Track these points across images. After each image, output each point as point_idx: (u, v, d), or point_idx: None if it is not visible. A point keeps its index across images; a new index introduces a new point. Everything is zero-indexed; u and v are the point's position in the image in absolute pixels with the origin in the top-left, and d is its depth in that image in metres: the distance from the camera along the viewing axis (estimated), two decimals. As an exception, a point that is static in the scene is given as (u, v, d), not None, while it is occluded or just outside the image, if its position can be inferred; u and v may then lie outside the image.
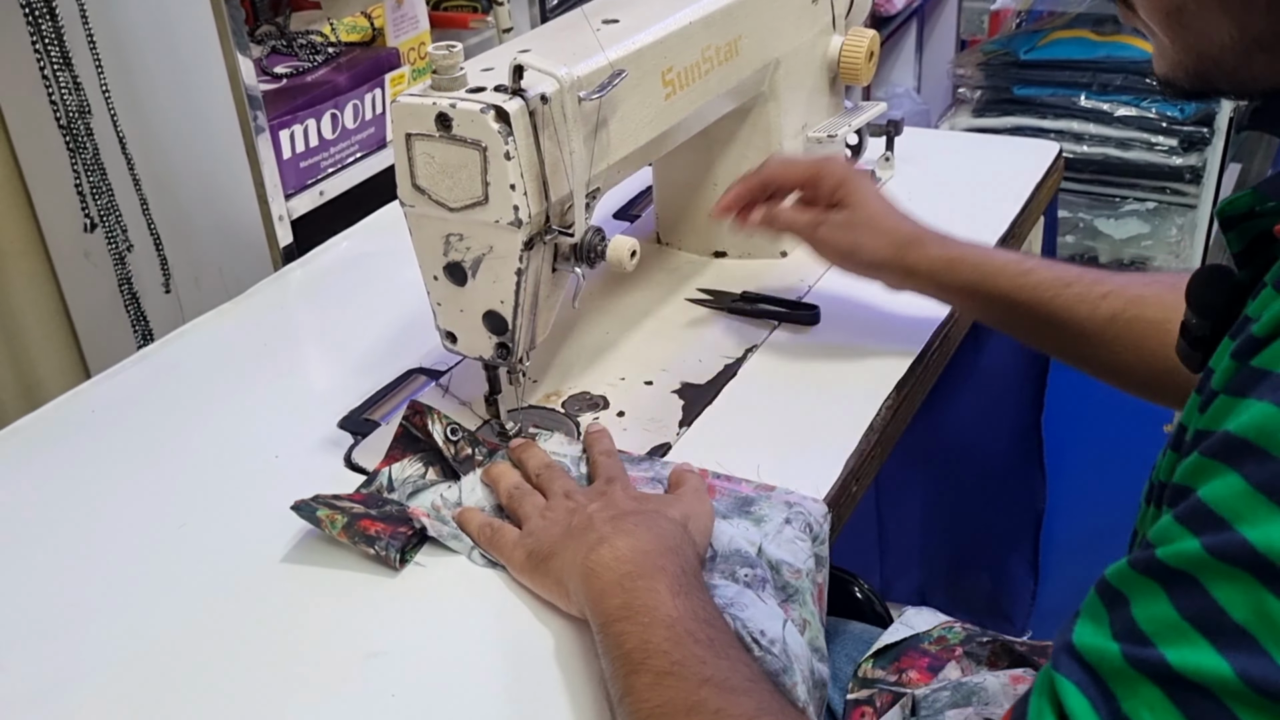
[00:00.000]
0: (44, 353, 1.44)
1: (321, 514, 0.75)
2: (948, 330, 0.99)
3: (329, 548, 0.76)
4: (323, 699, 0.66)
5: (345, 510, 0.75)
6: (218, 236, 1.28)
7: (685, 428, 0.87)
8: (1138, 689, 0.41)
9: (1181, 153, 1.63)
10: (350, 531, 0.74)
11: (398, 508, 0.77)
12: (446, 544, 0.76)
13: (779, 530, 0.74)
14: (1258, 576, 0.39)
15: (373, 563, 0.75)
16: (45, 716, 0.66)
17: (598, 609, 0.64)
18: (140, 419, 0.93)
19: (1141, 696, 0.41)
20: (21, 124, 1.32)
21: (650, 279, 1.08)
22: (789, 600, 0.70)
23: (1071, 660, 0.44)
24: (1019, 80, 1.74)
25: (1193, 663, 0.40)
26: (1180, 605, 0.41)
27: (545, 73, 0.74)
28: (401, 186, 0.78)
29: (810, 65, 1.08)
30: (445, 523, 0.77)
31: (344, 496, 0.78)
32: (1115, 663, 0.42)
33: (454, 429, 0.82)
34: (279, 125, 1.23)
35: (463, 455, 0.82)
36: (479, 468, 0.82)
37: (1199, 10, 0.52)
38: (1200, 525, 0.41)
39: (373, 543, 0.74)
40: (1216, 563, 0.40)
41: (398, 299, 1.05)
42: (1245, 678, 0.38)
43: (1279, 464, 0.40)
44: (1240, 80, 0.54)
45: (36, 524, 0.82)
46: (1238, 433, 0.42)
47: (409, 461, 0.82)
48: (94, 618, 0.73)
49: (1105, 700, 0.42)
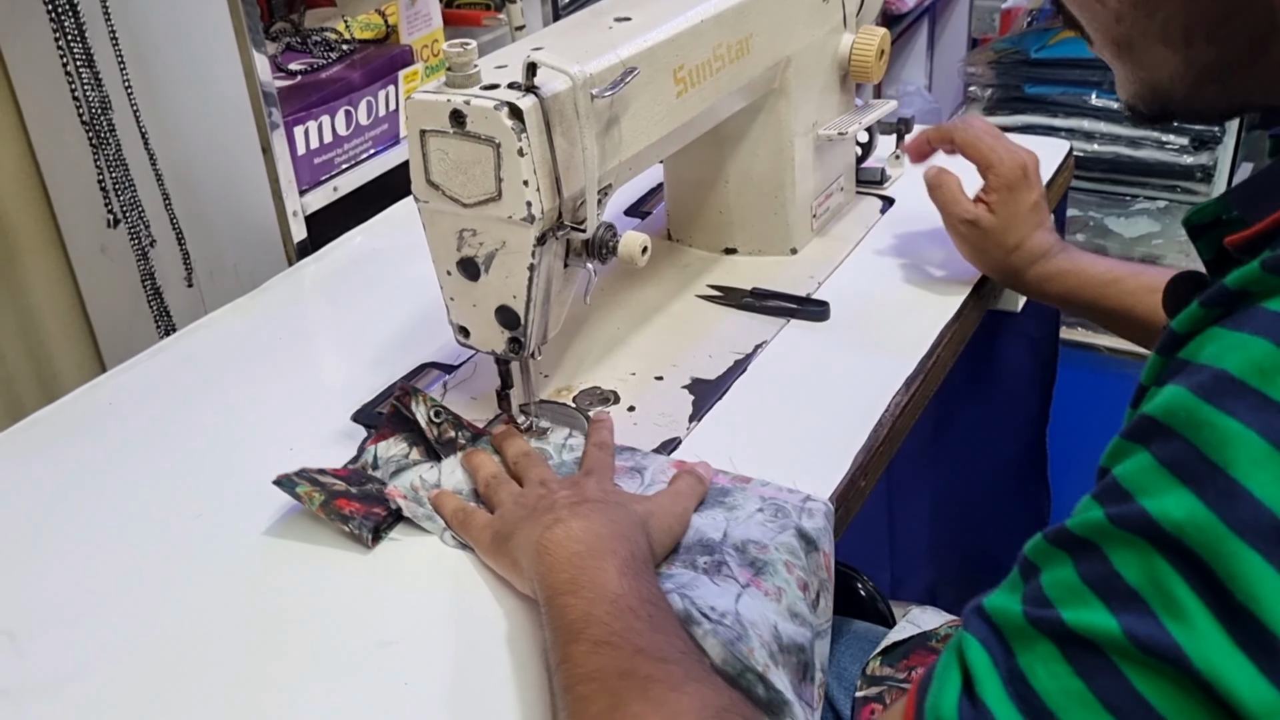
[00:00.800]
0: (61, 347, 1.45)
1: (301, 490, 0.78)
2: (957, 327, 1.00)
3: (343, 539, 0.77)
4: (336, 686, 0.67)
5: (325, 487, 0.78)
6: (233, 231, 1.29)
7: (695, 423, 0.88)
8: (1034, 645, 0.44)
9: (1192, 151, 1.63)
10: (327, 509, 0.77)
11: (377, 487, 0.80)
12: (420, 524, 0.78)
13: (749, 516, 0.76)
14: (1152, 543, 0.41)
15: (387, 553, 0.76)
16: (66, 701, 0.67)
17: (545, 582, 0.65)
18: (156, 411, 0.94)
19: (1037, 652, 0.43)
20: (40, 121, 1.33)
21: (661, 275, 1.09)
22: (759, 574, 0.71)
23: (979, 620, 0.47)
24: (1030, 79, 1.74)
25: (1086, 621, 0.42)
26: (1082, 570, 0.43)
27: (558, 70, 0.75)
28: (416, 182, 0.79)
29: (821, 63, 1.08)
30: (421, 504, 0.79)
31: (328, 471, 0.81)
32: (1017, 621, 0.45)
33: (437, 411, 0.84)
34: (294, 122, 1.24)
35: (445, 437, 0.83)
36: (461, 451, 0.83)
37: (1145, 45, 0.53)
38: (1108, 498, 0.44)
39: (347, 521, 0.76)
40: (1117, 530, 0.43)
41: (410, 294, 1.06)
42: (1131, 635, 0.41)
43: (1182, 441, 0.42)
44: (1195, 108, 0.56)
45: (55, 513, 0.83)
46: (1151, 414, 0.44)
47: (395, 441, 0.84)
48: (112, 605, 0.74)
49: (1004, 655, 0.45)
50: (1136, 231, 1.71)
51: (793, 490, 0.78)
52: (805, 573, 0.73)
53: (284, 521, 0.79)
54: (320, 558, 0.76)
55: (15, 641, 0.71)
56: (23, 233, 1.38)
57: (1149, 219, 1.71)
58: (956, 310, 1.01)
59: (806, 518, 0.76)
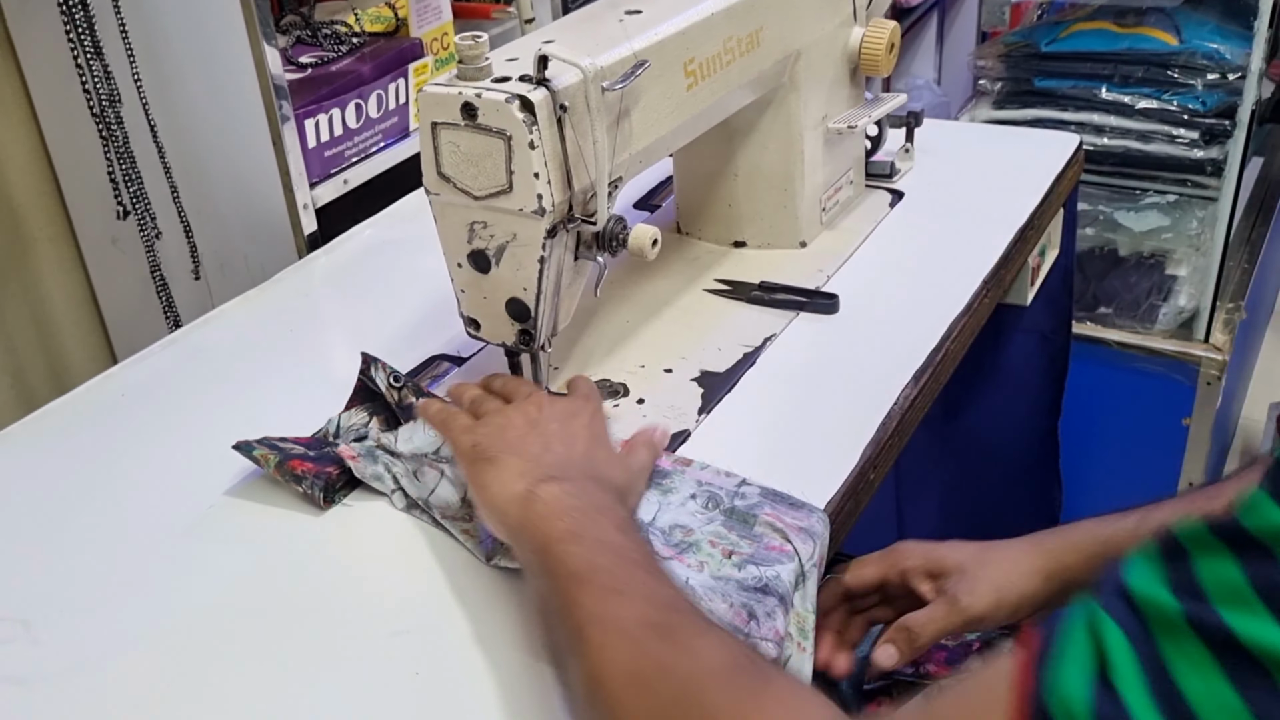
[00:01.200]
0: (72, 338, 1.46)
1: (258, 453, 0.81)
2: (966, 320, 1.00)
3: (354, 528, 0.78)
4: (348, 675, 0.67)
5: (281, 450, 0.81)
6: (244, 224, 1.29)
7: (704, 415, 0.88)
8: (1183, 644, 0.41)
9: (1203, 145, 1.63)
10: (281, 470, 0.79)
11: (333, 450, 0.82)
12: (371, 485, 0.80)
13: (682, 504, 0.77)
14: None
15: (396, 544, 0.76)
16: (80, 688, 0.67)
17: (539, 529, 0.64)
18: (168, 402, 0.95)
19: (1186, 652, 0.40)
20: (52, 113, 1.34)
21: (670, 268, 1.09)
22: (683, 552, 0.73)
23: (1120, 601, 0.43)
24: (1040, 72, 1.73)
25: (1254, 633, 0.39)
26: (1251, 574, 0.40)
27: (569, 63, 0.75)
28: (427, 175, 0.80)
29: (831, 56, 1.08)
30: (375, 461, 0.80)
31: (289, 439, 0.83)
32: (1170, 615, 0.41)
33: (396, 376, 0.85)
34: (304, 114, 1.24)
35: (406, 402, 0.85)
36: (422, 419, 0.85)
37: None
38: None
39: (300, 481, 0.79)
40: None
41: (421, 286, 1.07)
42: None
43: None
44: None
45: (68, 504, 0.83)
46: None
47: (356, 411, 0.86)
48: (125, 594, 0.74)
49: (1147, 646, 0.41)
50: (1146, 225, 1.71)
51: (730, 474, 0.79)
52: (734, 544, 0.74)
53: (295, 512, 0.80)
54: (332, 548, 0.77)
55: (30, 630, 0.72)
56: (34, 225, 1.39)
57: (1159, 213, 1.70)
58: (966, 304, 1.01)
59: (739, 500, 0.77)
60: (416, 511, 0.79)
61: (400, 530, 0.78)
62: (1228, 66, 1.63)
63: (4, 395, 1.39)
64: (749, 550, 0.73)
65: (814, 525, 0.75)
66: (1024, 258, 1.17)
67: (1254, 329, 2.08)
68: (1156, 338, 1.67)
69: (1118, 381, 1.69)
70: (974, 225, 1.14)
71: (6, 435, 0.92)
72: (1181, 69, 1.65)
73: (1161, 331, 1.68)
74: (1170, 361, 1.64)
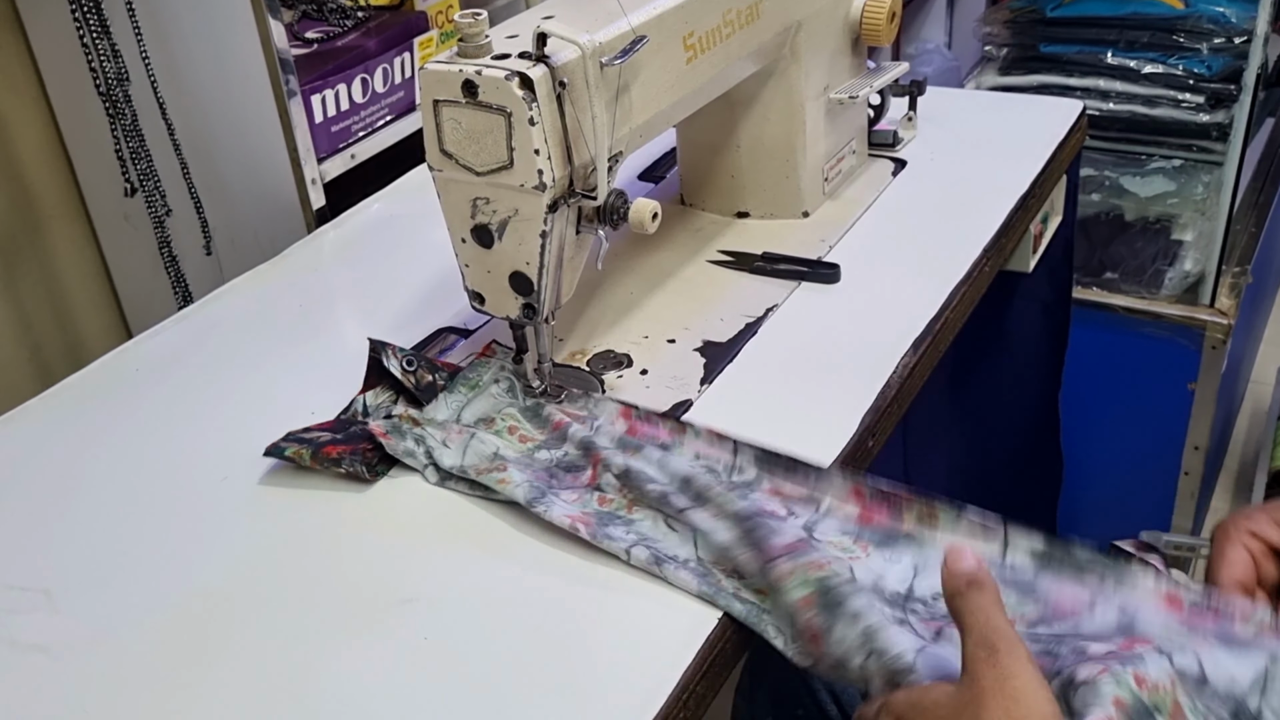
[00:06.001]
0: (87, 314, 1.48)
1: (290, 451, 0.82)
2: (967, 289, 1.01)
3: (364, 499, 0.80)
4: (358, 643, 0.69)
5: (311, 441, 0.82)
6: (252, 200, 1.31)
7: (706, 385, 0.90)
8: None
9: (1209, 110, 1.63)
10: (317, 459, 0.81)
11: (360, 427, 0.83)
12: (403, 460, 0.81)
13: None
14: None
15: (407, 512, 0.78)
16: (100, 655, 0.70)
17: None
18: (181, 376, 0.97)
19: None
20: (62, 91, 1.35)
21: (674, 240, 1.10)
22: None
23: None
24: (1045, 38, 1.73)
25: None
26: None
27: (567, 40, 0.76)
28: (429, 151, 0.81)
29: (832, 27, 1.09)
30: (404, 438, 0.82)
31: (313, 427, 0.85)
32: None
33: (409, 360, 0.87)
34: (310, 90, 1.25)
35: (424, 383, 0.87)
36: (443, 392, 0.87)
37: None
38: None
39: (339, 463, 0.80)
40: None
41: (428, 260, 1.08)
42: None
43: None
44: None
45: (86, 476, 0.86)
46: None
47: (381, 389, 0.88)
48: (143, 565, 0.76)
49: None
50: (1152, 191, 1.71)
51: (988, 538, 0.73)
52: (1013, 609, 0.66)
53: (307, 484, 0.81)
54: (343, 518, 0.79)
55: (52, 599, 0.74)
56: (47, 202, 1.41)
57: (1165, 178, 1.70)
58: (966, 272, 1.02)
59: (1010, 573, 0.71)
60: (450, 483, 0.80)
61: (418, 502, 0.80)
62: (1233, 30, 1.62)
63: (22, 371, 1.41)
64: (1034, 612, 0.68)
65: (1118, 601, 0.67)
66: (1025, 225, 1.17)
67: (1262, 293, 2.08)
68: (1162, 302, 1.68)
69: (1123, 346, 1.70)
70: (976, 193, 1.14)
71: (25, 410, 0.94)
72: (1187, 33, 1.65)
73: (1167, 296, 1.69)
74: (1175, 326, 1.65)
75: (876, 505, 0.76)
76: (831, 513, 0.77)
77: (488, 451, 0.81)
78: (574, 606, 0.71)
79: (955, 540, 0.74)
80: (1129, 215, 1.75)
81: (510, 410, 0.87)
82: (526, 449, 0.83)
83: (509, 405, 0.87)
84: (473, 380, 0.89)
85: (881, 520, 0.76)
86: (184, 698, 0.66)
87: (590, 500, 0.78)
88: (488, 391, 0.88)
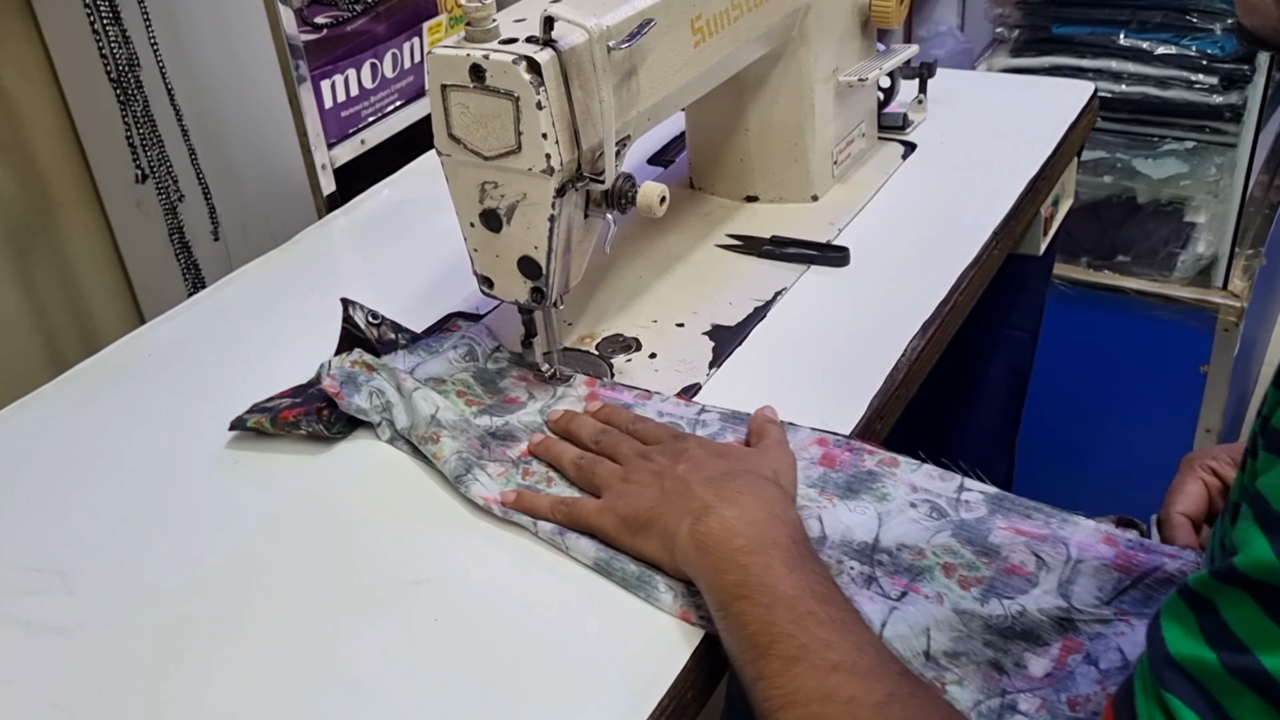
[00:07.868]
0: (100, 299, 1.49)
1: (252, 422, 0.84)
2: (975, 272, 1.01)
3: (375, 481, 0.80)
4: (369, 623, 0.70)
5: (270, 409, 0.84)
6: (263, 186, 1.31)
7: (715, 369, 0.90)
8: (1240, 699, 0.43)
9: (1222, 91, 1.61)
10: (277, 424, 0.83)
11: (316, 388, 0.84)
12: (358, 416, 0.82)
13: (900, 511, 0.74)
14: None
15: (418, 494, 0.79)
16: (114, 635, 0.70)
17: (713, 585, 0.63)
18: (194, 361, 0.97)
19: (1245, 705, 0.43)
20: (73, 78, 1.36)
21: (683, 223, 1.10)
22: (916, 579, 0.70)
23: (1175, 674, 0.45)
24: (1057, 19, 1.72)
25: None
26: (1271, 613, 0.42)
27: (575, 24, 0.76)
28: (438, 136, 0.81)
29: (841, 9, 1.09)
30: (356, 390, 0.82)
31: (274, 396, 0.87)
32: (1215, 671, 0.43)
33: (374, 315, 0.90)
34: (320, 75, 1.25)
35: (386, 339, 0.89)
36: (403, 349, 0.89)
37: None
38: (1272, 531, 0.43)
39: (297, 426, 0.82)
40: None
41: (438, 244, 1.08)
42: None
43: None
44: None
45: (100, 460, 0.86)
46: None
47: (344, 356, 0.88)
48: (156, 547, 0.77)
49: (1214, 712, 0.43)
50: (1164, 173, 1.70)
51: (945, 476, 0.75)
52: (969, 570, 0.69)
53: (318, 467, 0.82)
54: (353, 500, 0.79)
55: (66, 580, 0.75)
56: (60, 188, 1.41)
57: (1177, 160, 1.69)
58: (975, 255, 1.02)
59: (966, 511, 0.73)
60: (399, 443, 0.82)
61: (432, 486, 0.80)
62: (1248, 10, 1.61)
63: (36, 356, 1.42)
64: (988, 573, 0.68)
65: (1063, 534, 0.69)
66: (1036, 208, 1.17)
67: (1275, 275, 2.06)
68: (1174, 285, 1.67)
69: (1135, 329, 1.69)
70: (986, 176, 1.14)
71: (40, 395, 0.95)
72: (1200, 13, 1.63)
73: (1179, 279, 1.68)
74: (1188, 309, 1.64)
75: (839, 450, 0.79)
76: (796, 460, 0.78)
77: (425, 413, 0.81)
78: (593, 586, 0.71)
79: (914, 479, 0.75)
80: (1141, 198, 1.75)
81: (463, 376, 0.88)
82: (470, 412, 0.84)
83: (463, 371, 0.88)
84: (434, 348, 0.91)
85: (845, 460, 0.78)
86: (198, 678, 0.67)
87: (515, 475, 0.79)
88: (444, 356, 0.89)
